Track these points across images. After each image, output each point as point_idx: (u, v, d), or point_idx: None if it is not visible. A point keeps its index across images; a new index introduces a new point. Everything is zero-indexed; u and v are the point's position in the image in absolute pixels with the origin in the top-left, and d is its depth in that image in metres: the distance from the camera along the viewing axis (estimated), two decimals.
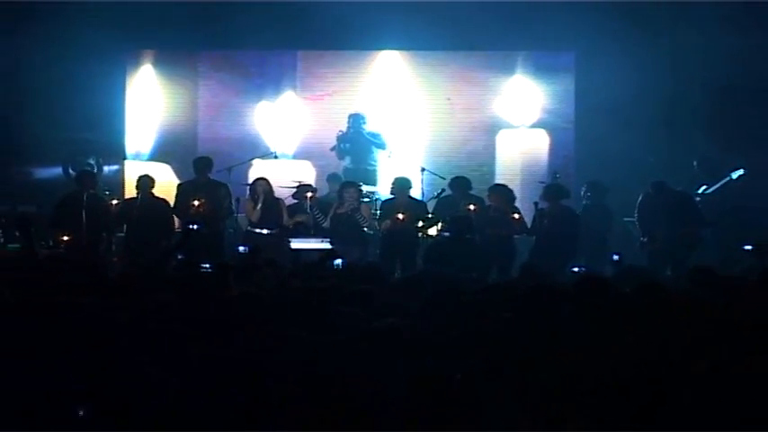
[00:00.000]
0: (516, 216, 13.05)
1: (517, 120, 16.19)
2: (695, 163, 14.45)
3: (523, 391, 4.31)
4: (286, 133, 16.32)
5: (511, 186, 13.76)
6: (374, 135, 15.42)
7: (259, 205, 13.54)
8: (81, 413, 3.79)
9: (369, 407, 4.07)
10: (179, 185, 14.22)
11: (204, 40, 16.04)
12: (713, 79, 14.61)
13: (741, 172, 14.22)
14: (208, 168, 13.82)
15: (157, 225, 13.31)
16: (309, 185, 14.09)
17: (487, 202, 13.34)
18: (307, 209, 13.63)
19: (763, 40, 14.49)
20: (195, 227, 12.69)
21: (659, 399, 4.02)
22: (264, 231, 13.46)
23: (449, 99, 16.16)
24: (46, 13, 14.59)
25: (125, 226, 13.60)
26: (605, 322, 5.82)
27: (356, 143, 15.27)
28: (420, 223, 13.23)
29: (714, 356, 4.79)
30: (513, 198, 13.33)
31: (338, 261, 9.28)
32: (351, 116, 15.42)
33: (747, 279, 8.19)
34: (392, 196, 13.55)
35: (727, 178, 14.24)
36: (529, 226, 13.18)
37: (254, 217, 13.56)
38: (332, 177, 14.75)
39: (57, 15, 14.52)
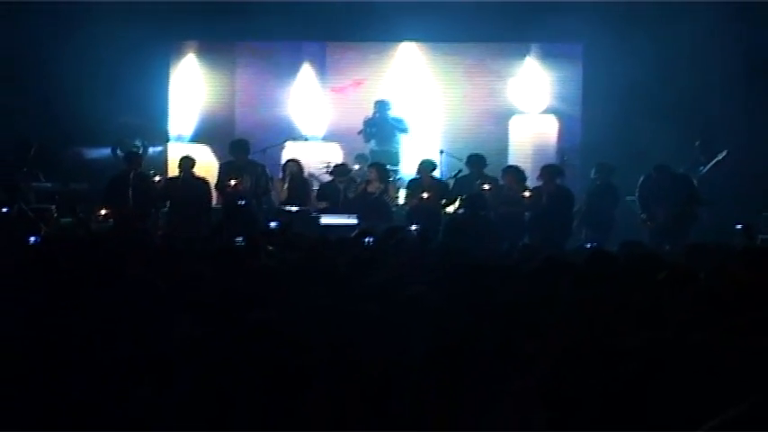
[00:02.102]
0: (527, 194, 13.07)
1: (528, 106, 16.14)
2: (697, 143, 14.32)
3: (533, 360, 4.29)
4: (315, 117, 16.34)
5: (523, 168, 13.80)
6: (398, 120, 15.43)
7: (286, 185, 13.63)
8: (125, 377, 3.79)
9: (386, 373, 4.06)
10: (220, 165, 14.32)
11: (241, 32, 16.05)
12: (711, 66, 14.54)
13: (725, 153, 14.08)
14: (244, 150, 13.90)
15: (198, 202, 13.41)
16: (344, 164, 14.35)
17: (501, 182, 13.36)
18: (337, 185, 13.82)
19: (760, 26, 14.40)
20: (243, 202, 12.82)
21: (659, 367, 4.00)
22: (294, 208, 13.50)
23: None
24: (99, 8, 14.63)
25: (168, 202, 13.67)
26: (611, 293, 5.82)
27: (381, 127, 15.28)
28: (443, 201, 13.31)
29: (705, 324, 4.79)
30: (525, 178, 13.36)
31: (370, 239, 9.31)
32: (377, 102, 15.42)
33: (736, 253, 8.16)
34: (418, 176, 13.62)
35: (716, 159, 14.12)
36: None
37: (283, 195, 13.68)
38: (360, 157, 14.87)
39: (109, 11, 14.58)
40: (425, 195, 13.14)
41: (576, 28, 14.97)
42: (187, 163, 13.70)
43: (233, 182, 13.51)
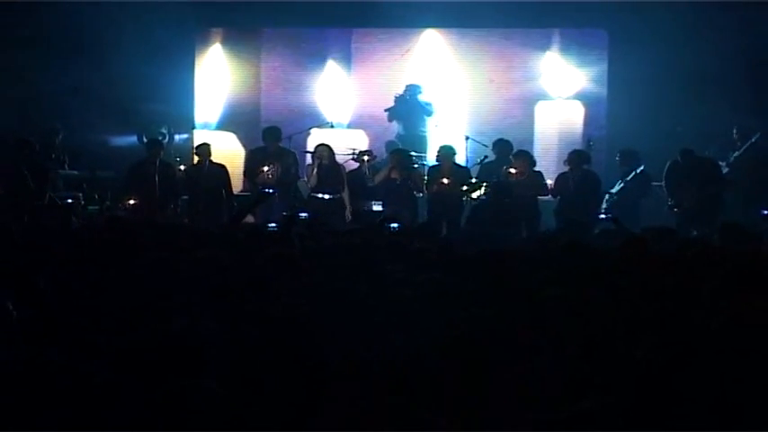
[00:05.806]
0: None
1: (554, 92, 16.06)
2: (735, 130, 14.12)
3: (561, 346, 4.23)
4: (341, 104, 16.32)
5: (549, 154, 13.79)
6: (426, 103, 15.44)
7: (315, 170, 13.45)
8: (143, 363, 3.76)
9: (405, 360, 4.02)
10: (249, 151, 14.28)
11: (267, 19, 16.08)
12: (741, 51, 14.39)
13: (758, 135, 13.91)
14: (277, 137, 13.81)
15: (219, 188, 13.34)
16: (369, 151, 14.30)
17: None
18: (365, 171, 13.77)
19: None
20: (270, 191, 12.76)
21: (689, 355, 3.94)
22: (325, 196, 13.33)
23: (491, 80, 16.08)
24: None
25: (190, 190, 13.61)
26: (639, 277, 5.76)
27: (410, 108, 15.29)
28: (465, 188, 13.22)
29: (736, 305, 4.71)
30: (534, 163, 13.30)
31: (395, 225, 9.24)
32: (408, 85, 15.46)
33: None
34: (438, 163, 13.53)
35: (749, 142, 13.95)
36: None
37: (312, 182, 13.47)
38: (390, 144, 14.82)
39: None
40: (445, 181, 13.05)
41: (602, 14, 14.91)
42: (206, 150, 13.63)
43: (266, 168, 13.44)
